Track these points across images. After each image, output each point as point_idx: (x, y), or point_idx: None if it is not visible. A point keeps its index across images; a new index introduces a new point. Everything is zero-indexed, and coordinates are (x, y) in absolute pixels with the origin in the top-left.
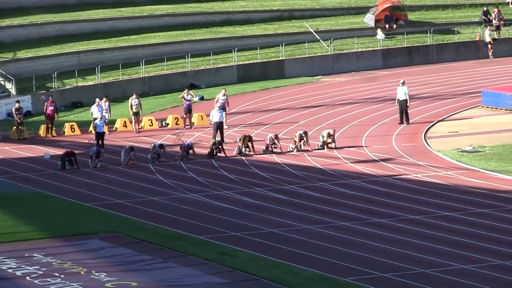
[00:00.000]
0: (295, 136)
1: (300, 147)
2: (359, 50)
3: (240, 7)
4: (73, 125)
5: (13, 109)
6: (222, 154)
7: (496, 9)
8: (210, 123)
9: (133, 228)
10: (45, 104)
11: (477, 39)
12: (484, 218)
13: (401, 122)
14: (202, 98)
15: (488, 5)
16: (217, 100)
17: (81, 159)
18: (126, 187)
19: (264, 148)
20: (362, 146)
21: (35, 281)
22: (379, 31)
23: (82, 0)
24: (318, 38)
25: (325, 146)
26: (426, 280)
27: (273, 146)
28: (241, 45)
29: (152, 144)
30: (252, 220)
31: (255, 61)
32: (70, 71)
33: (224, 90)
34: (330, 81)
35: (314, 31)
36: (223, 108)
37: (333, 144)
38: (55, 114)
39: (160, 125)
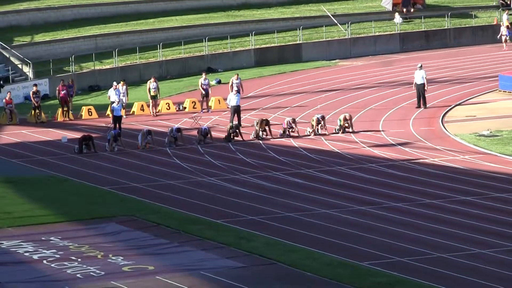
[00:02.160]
0: (313, 120)
1: (318, 131)
2: (377, 34)
3: None
4: (90, 109)
5: (31, 93)
6: (239, 138)
7: None
8: (227, 107)
9: (150, 212)
10: (57, 89)
11: (495, 23)
12: (501, 202)
13: (419, 106)
14: (219, 82)
15: None
16: (231, 84)
17: (99, 143)
18: (143, 170)
19: (282, 132)
20: (380, 130)
21: (52, 265)
22: (396, 15)
23: None
24: (336, 22)
25: (342, 130)
26: (443, 265)
27: (290, 130)
28: (259, 28)
29: (169, 128)
30: (269, 204)
31: (272, 45)
32: (87, 54)
33: (237, 74)
34: (348, 65)
35: (331, 15)
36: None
37: (350, 128)
38: (69, 97)
39: (177, 108)
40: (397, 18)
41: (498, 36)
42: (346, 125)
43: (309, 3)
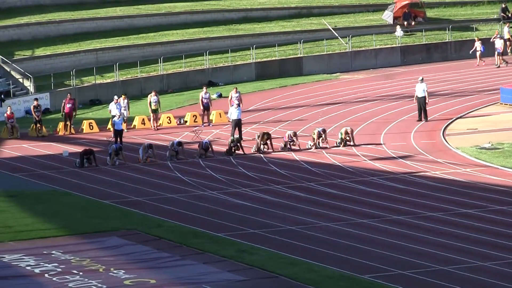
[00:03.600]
0: (314, 133)
1: (319, 145)
2: (378, 47)
3: (258, 4)
4: (91, 123)
5: (32, 107)
6: (240, 152)
7: None
8: (229, 121)
9: (152, 226)
10: (63, 101)
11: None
12: (502, 215)
13: (420, 119)
14: (220, 96)
15: (506, 2)
16: (231, 98)
17: (100, 157)
18: (144, 184)
19: (283, 145)
20: (381, 143)
21: (54, 279)
22: (398, 28)
23: None
24: (337, 35)
25: (343, 144)
26: (444, 278)
27: (291, 144)
28: (259, 42)
29: (170, 142)
30: (270, 218)
31: (273, 58)
32: (88, 68)
33: (235, 88)
34: (349, 78)
35: (332, 28)
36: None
37: (351, 141)
38: (74, 111)
39: (178, 122)
40: (399, 32)
41: (471, 51)
42: (348, 138)
43: (310, 17)
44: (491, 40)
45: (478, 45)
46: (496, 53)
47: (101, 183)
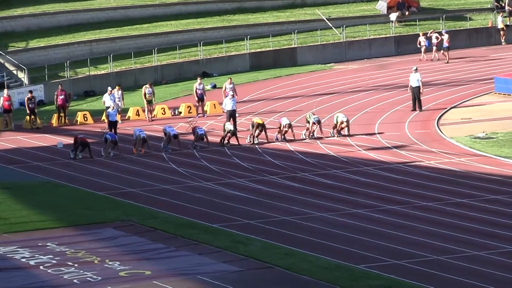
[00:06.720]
0: (309, 117)
1: (313, 134)
2: (372, 37)
3: None
4: (85, 114)
5: (26, 99)
6: (235, 142)
7: None
8: (223, 111)
9: (147, 217)
10: (55, 94)
11: (490, 25)
12: (497, 204)
13: (414, 109)
14: (214, 86)
15: None
16: (225, 89)
17: (94, 148)
18: (139, 175)
19: (277, 132)
20: (375, 133)
21: (49, 271)
22: (393, 15)
23: None
24: (331, 25)
25: (338, 133)
26: (439, 267)
27: (284, 132)
28: (254, 33)
29: (164, 129)
30: (265, 208)
31: (268, 49)
32: (82, 60)
33: (229, 79)
34: (343, 68)
35: (326, 18)
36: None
37: (347, 130)
38: (67, 103)
39: (172, 113)
40: (393, 16)
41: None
42: (342, 126)
43: (304, 7)
44: (428, 35)
45: (422, 40)
46: (434, 48)
47: (96, 175)
